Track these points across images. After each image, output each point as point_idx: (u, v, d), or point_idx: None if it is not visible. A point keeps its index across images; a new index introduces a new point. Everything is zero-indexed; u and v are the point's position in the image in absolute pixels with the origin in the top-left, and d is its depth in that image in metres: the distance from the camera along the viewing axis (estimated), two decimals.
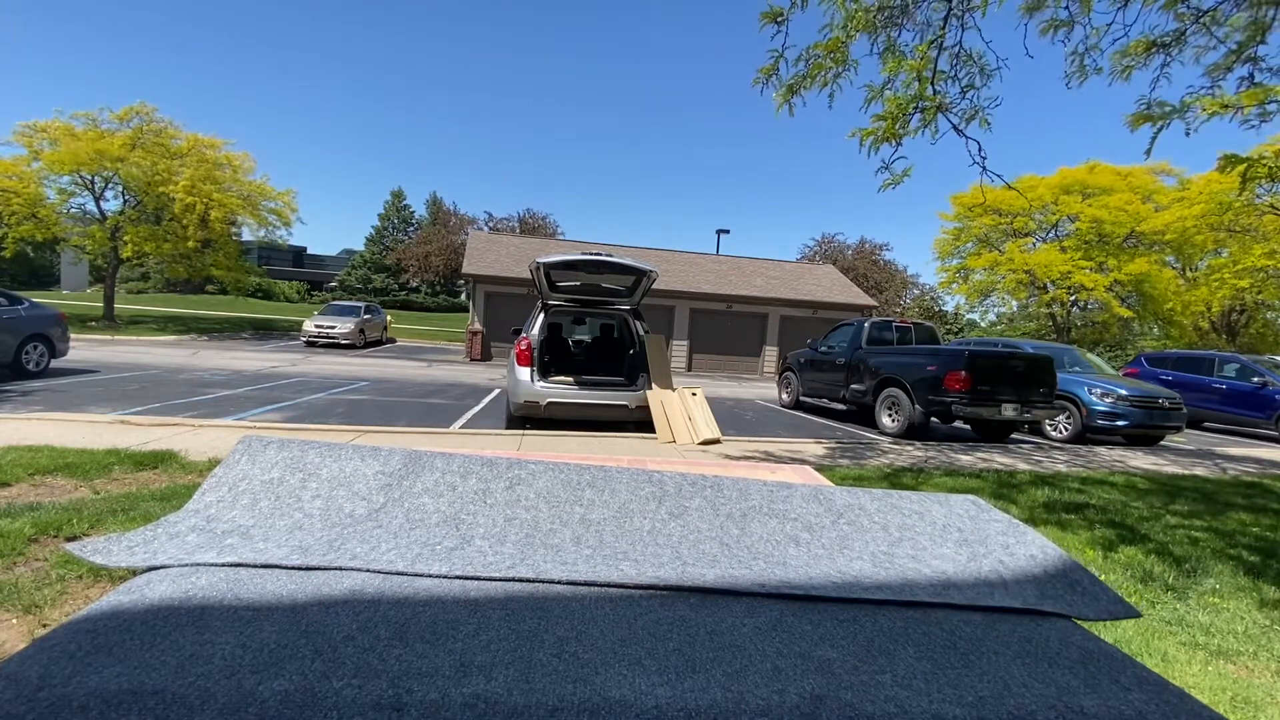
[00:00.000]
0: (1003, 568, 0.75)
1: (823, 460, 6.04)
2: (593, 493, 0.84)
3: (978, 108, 3.96)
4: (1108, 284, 21.07)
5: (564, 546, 0.73)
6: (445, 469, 0.85)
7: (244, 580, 0.60)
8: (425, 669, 0.47)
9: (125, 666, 0.45)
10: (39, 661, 0.45)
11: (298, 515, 0.76)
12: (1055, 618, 0.67)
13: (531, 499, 0.82)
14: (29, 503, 3.21)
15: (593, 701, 0.44)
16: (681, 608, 0.61)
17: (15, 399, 7.15)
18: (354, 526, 0.74)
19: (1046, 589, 0.69)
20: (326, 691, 0.43)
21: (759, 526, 0.81)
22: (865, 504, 0.88)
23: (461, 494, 0.81)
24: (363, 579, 0.62)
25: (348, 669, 0.46)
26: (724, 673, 0.49)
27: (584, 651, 0.51)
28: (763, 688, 0.47)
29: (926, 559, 0.77)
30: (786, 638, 0.56)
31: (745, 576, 0.68)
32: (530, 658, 0.49)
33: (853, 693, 0.48)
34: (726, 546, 0.76)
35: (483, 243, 23.58)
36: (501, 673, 0.47)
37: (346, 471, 0.83)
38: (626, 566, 0.69)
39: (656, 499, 0.84)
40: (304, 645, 0.49)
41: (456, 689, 0.45)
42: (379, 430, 6.25)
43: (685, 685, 0.47)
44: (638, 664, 0.49)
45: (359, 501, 0.79)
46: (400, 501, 0.79)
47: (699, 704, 0.45)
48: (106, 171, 19.77)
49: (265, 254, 47.43)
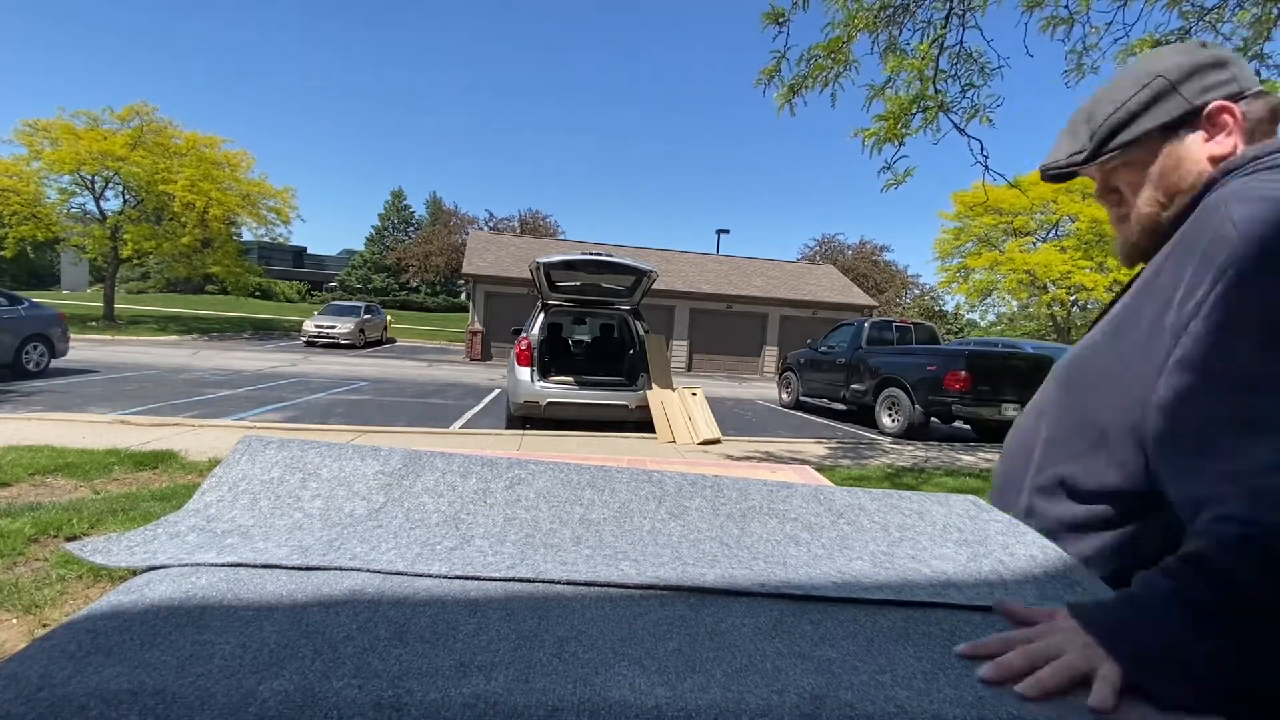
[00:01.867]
0: (1003, 568, 0.75)
1: (823, 460, 6.04)
2: (592, 492, 0.84)
3: (979, 106, 3.96)
4: (1108, 284, 21.06)
5: (564, 546, 0.73)
6: (445, 468, 0.85)
7: (244, 580, 0.60)
8: (425, 669, 0.47)
9: (125, 666, 0.45)
10: (39, 661, 0.45)
11: (298, 515, 0.76)
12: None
13: (531, 498, 0.82)
14: (29, 503, 3.21)
15: (593, 701, 0.44)
16: (681, 608, 0.61)
17: (15, 399, 7.15)
18: (354, 526, 0.74)
19: (1046, 589, 0.70)
20: (326, 691, 0.43)
21: (759, 526, 0.81)
22: (865, 504, 0.88)
23: (461, 493, 0.81)
24: (363, 579, 0.62)
25: (348, 669, 0.46)
26: (724, 673, 0.49)
27: (584, 651, 0.51)
28: (762, 688, 0.47)
29: (926, 559, 0.77)
30: (786, 638, 0.56)
31: (746, 576, 0.68)
32: (530, 658, 0.49)
33: (853, 693, 0.48)
34: (727, 546, 0.76)
35: (483, 243, 23.58)
36: (501, 673, 0.47)
37: (346, 471, 0.83)
38: (627, 566, 0.69)
39: (656, 498, 0.84)
40: (304, 645, 0.49)
41: (456, 689, 0.45)
42: (379, 430, 6.25)
43: (685, 685, 0.47)
44: (638, 664, 0.49)
45: (359, 501, 0.79)
46: (400, 501, 0.79)
47: (699, 704, 0.45)
48: (107, 171, 19.77)
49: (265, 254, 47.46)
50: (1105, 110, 0.78)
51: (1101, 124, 0.78)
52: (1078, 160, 0.81)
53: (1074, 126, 0.83)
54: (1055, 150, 0.84)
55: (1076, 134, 0.82)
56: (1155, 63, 0.77)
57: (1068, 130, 0.84)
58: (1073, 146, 0.82)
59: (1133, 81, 0.77)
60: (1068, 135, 0.83)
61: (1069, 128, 0.83)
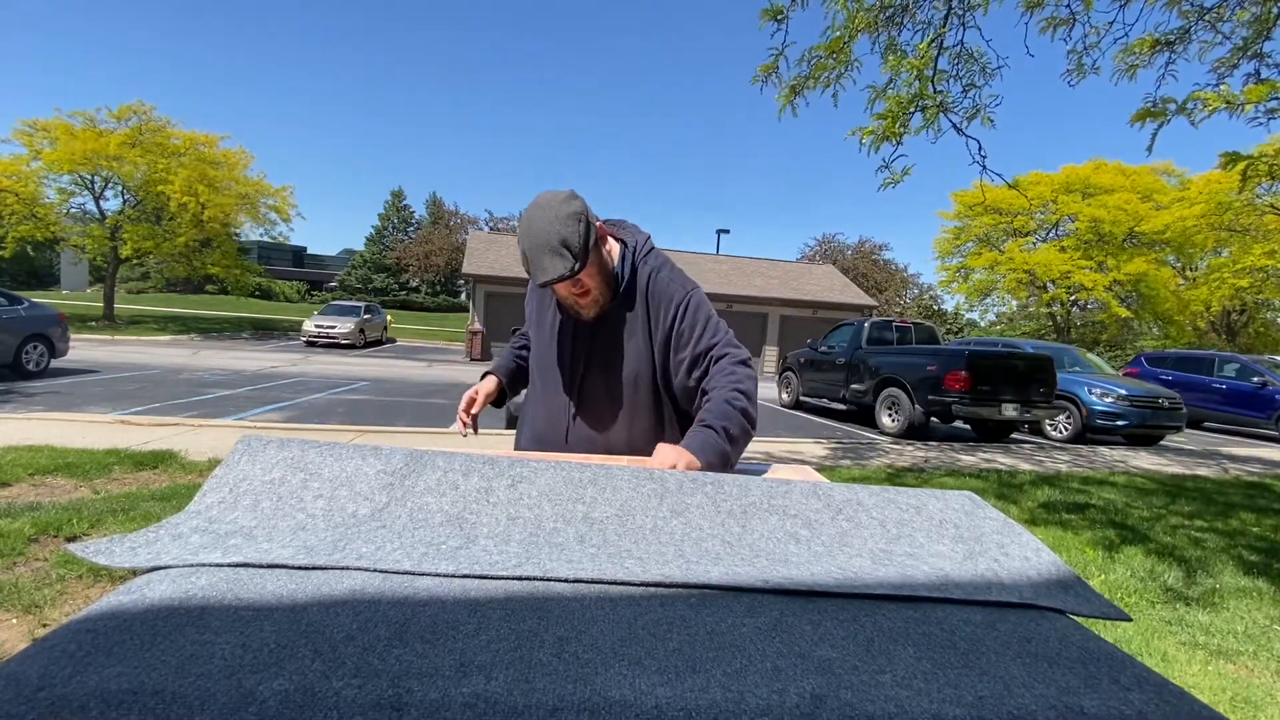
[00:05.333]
0: (999, 566, 0.75)
1: (823, 460, 6.04)
2: (594, 490, 0.84)
3: (979, 106, 3.96)
4: (1107, 284, 21.06)
5: (568, 545, 0.73)
6: (447, 467, 0.85)
7: (244, 580, 0.60)
8: (425, 669, 0.47)
9: (125, 666, 0.45)
10: (39, 661, 0.45)
11: (300, 516, 0.76)
12: (1053, 613, 0.67)
13: (534, 497, 0.82)
14: (29, 503, 3.21)
15: (593, 701, 0.44)
16: (682, 608, 0.61)
17: (15, 399, 7.15)
18: (358, 527, 0.74)
19: (1041, 591, 0.70)
20: (326, 691, 0.43)
21: (760, 524, 0.81)
22: (863, 499, 0.88)
23: (464, 492, 0.81)
24: (363, 579, 0.62)
25: (348, 669, 0.46)
26: (724, 672, 0.49)
27: (584, 651, 0.51)
28: (763, 687, 0.47)
29: (924, 555, 0.77)
30: (786, 637, 0.56)
31: (749, 574, 0.68)
32: (530, 658, 0.49)
33: (853, 692, 0.48)
34: (729, 544, 0.76)
35: (483, 242, 23.58)
36: (501, 673, 0.47)
37: (348, 471, 0.83)
38: (631, 564, 0.69)
39: (658, 496, 0.84)
40: (304, 645, 0.49)
41: (456, 689, 0.45)
42: (379, 430, 6.25)
43: (685, 685, 0.47)
44: (638, 664, 0.49)
45: (362, 501, 0.79)
46: (403, 501, 0.79)
47: (699, 704, 0.45)
48: (106, 171, 19.75)
49: (265, 254, 47.44)
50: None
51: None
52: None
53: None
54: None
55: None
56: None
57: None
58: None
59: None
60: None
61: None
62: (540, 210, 1.19)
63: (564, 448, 1.38)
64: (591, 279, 1.27)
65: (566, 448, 1.38)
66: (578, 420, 1.39)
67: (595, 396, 1.37)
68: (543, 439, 1.43)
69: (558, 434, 1.40)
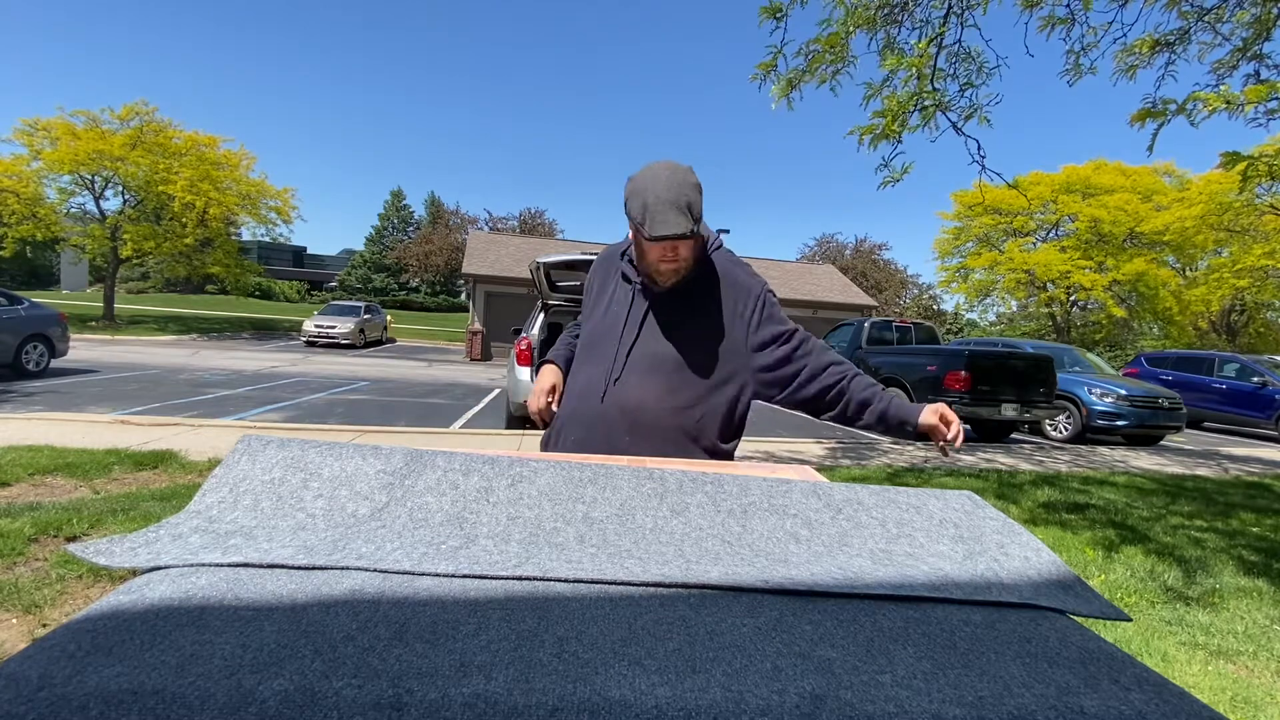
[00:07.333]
0: (999, 566, 0.75)
1: (823, 460, 6.04)
2: (594, 490, 0.84)
3: (977, 105, 3.96)
4: (1106, 284, 21.05)
5: (568, 545, 0.73)
6: (447, 467, 0.85)
7: (244, 580, 0.60)
8: (425, 669, 0.47)
9: (125, 666, 0.45)
10: (39, 661, 0.45)
11: (301, 515, 0.75)
12: (1053, 613, 0.67)
13: (534, 496, 0.82)
14: (29, 502, 3.21)
15: (593, 701, 0.44)
16: (682, 608, 0.61)
17: (15, 399, 7.15)
18: (358, 526, 0.74)
19: (1041, 591, 0.70)
20: (326, 691, 0.43)
21: (759, 523, 0.81)
22: (863, 499, 0.88)
23: (464, 492, 0.81)
24: (363, 579, 0.62)
25: (348, 669, 0.46)
26: (724, 672, 0.49)
27: (584, 651, 0.51)
28: (763, 687, 0.47)
29: (924, 555, 0.77)
30: (786, 637, 0.56)
31: (749, 574, 0.68)
32: (530, 658, 0.49)
33: (853, 692, 0.48)
34: (729, 544, 0.76)
35: (483, 242, 23.57)
36: (501, 672, 0.47)
37: (348, 470, 0.83)
38: (631, 564, 0.69)
39: (658, 495, 0.84)
40: (304, 645, 0.49)
41: (456, 689, 0.44)
42: (379, 430, 6.25)
43: (685, 685, 0.47)
44: (638, 664, 0.49)
45: (362, 501, 0.78)
46: (403, 500, 0.79)
47: (699, 704, 0.45)
48: (107, 171, 19.74)
49: (265, 254, 47.43)
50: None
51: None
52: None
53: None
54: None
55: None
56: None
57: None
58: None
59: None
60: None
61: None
62: (669, 170, 1.27)
63: (598, 408, 1.43)
64: (688, 248, 1.35)
65: (601, 408, 1.43)
66: (618, 384, 1.43)
67: (640, 365, 1.42)
68: (584, 395, 1.47)
69: (595, 394, 1.44)
